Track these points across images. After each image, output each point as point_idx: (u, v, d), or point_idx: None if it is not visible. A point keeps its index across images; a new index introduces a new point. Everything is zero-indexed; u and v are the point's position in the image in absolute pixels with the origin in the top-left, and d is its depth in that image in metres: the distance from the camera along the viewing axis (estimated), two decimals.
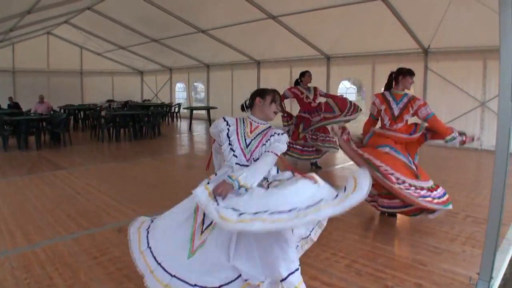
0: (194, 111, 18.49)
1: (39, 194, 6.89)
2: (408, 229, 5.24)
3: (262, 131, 3.36)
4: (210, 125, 14.51)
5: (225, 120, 3.44)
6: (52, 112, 14.27)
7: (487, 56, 11.05)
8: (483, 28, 9.59)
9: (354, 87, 21.05)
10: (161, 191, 7.22)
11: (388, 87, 5.64)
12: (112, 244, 4.65)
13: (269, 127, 3.40)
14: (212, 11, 13.10)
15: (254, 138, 3.33)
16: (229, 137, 3.32)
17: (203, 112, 19.92)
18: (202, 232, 3.01)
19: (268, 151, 3.18)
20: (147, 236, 3.28)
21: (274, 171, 3.32)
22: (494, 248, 3.29)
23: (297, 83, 9.07)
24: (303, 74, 8.92)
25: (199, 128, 18.13)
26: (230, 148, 3.30)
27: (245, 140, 3.33)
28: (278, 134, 3.30)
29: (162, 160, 10.52)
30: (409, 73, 5.45)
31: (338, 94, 14.31)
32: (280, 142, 3.26)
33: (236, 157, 3.27)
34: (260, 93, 3.45)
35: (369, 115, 5.75)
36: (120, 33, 16.80)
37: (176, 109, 21.48)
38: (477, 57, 11.33)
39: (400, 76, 5.46)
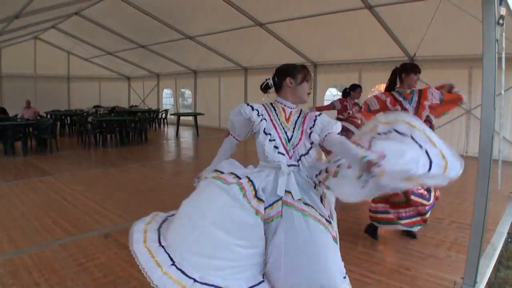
0: (181, 117, 18.45)
1: (25, 200, 6.86)
2: (393, 234, 5.29)
3: (298, 117, 2.91)
4: (197, 132, 14.41)
5: (249, 105, 2.87)
6: (38, 117, 14.19)
7: (473, 64, 11.20)
8: (468, 37, 9.69)
9: (341, 94, 21.15)
10: (148, 197, 7.22)
11: (391, 86, 5.24)
12: (98, 250, 4.65)
13: (301, 111, 2.96)
14: (200, 17, 13.14)
15: (294, 129, 2.84)
16: (266, 133, 2.80)
17: (190, 118, 19.90)
18: None
19: (329, 133, 2.75)
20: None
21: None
22: (478, 253, 3.36)
23: (345, 93, 8.48)
24: (354, 88, 8.34)
25: (186, 134, 18.13)
26: (274, 146, 2.77)
27: (286, 132, 2.84)
28: (319, 115, 2.86)
29: (149, 166, 10.51)
30: (413, 70, 5.01)
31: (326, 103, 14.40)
32: (328, 119, 2.83)
33: (284, 155, 2.77)
34: (290, 71, 2.94)
35: (365, 108, 5.23)
36: (108, 38, 16.77)
37: (163, 115, 21.45)
38: (463, 66, 11.48)
39: (403, 74, 5.03)
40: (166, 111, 21.80)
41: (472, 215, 3.41)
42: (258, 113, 2.83)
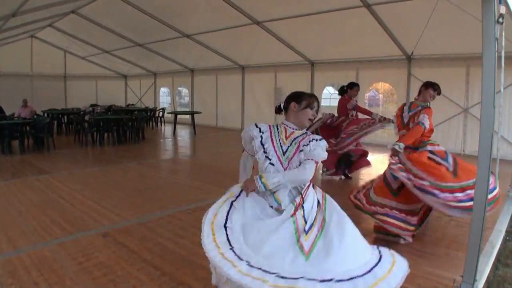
0: (178, 116, 18.41)
1: (23, 199, 6.85)
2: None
3: (298, 136, 3.11)
4: (194, 130, 14.46)
5: (257, 126, 3.18)
6: (35, 116, 14.16)
7: (470, 63, 11.22)
8: (466, 36, 9.72)
9: (337, 92, 21.16)
10: (146, 196, 7.20)
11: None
12: (97, 249, 4.64)
13: (305, 133, 3.14)
14: (197, 16, 13.11)
15: (291, 144, 3.08)
16: (263, 145, 3.10)
17: (187, 116, 19.81)
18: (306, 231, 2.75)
19: (308, 158, 2.97)
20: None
21: (310, 190, 3.03)
22: (478, 251, 3.35)
23: (342, 90, 8.51)
24: (352, 86, 8.36)
25: (183, 133, 18.10)
26: (266, 156, 3.06)
27: (281, 147, 3.09)
28: (317, 140, 3.04)
29: (146, 164, 10.49)
30: (432, 86, 5.47)
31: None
32: (320, 148, 3.02)
33: (273, 165, 3.03)
34: (296, 97, 3.18)
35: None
36: (104, 37, 16.73)
37: (160, 114, 21.42)
38: (460, 64, 11.50)
39: (423, 87, 5.52)
40: (163, 109, 21.79)
41: (472, 213, 3.41)
42: (260, 130, 3.15)
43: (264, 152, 3.07)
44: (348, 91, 8.32)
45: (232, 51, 16.68)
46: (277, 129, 3.17)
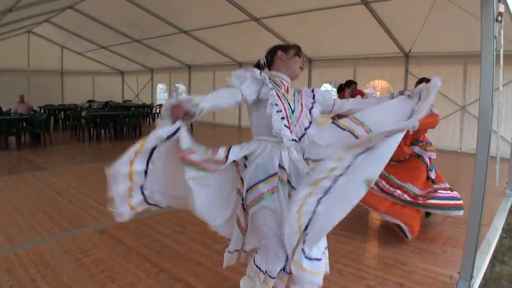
0: None
1: (20, 195, 6.84)
2: (389, 229, 5.30)
3: (295, 92, 2.87)
4: (191, 127, 14.28)
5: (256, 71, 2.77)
6: (32, 112, 14.14)
7: (468, 61, 11.24)
8: (464, 34, 9.74)
9: (335, 90, 21.18)
10: None
11: None
12: (94, 246, 4.64)
13: (298, 89, 2.94)
14: (194, 12, 13.10)
15: (294, 101, 2.80)
16: (273, 101, 2.68)
17: None
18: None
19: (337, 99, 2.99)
20: None
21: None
22: (475, 248, 3.37)
23: (340, 89, 8.41)
24: (349, 84, 8.21)
25: None
26: (281, 117, 2.66)
27: (289, 104, 2.76)
28: (314, 89, 2.95)
29: None
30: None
31: None
32: (327, 91, 2.97)
33: (288, 128, 2.67)
34: (281, 46, 2.91)
35: None
36: (102, 32, 16.71)
37: (157, 110, 21.37)
38: (458, 62, 11.51)
39: (418, 83, 5.16)
40: (160, 105, 21.70)
41: (468, 210, 3.42)
42: (265, 79, 2.76)
43: (279, 110, 2.67)
44: (345, 89, 8.23)
45: (229, 48, 16.65)
46: (274, 82, 2.82)
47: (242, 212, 2.75)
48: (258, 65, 2.95)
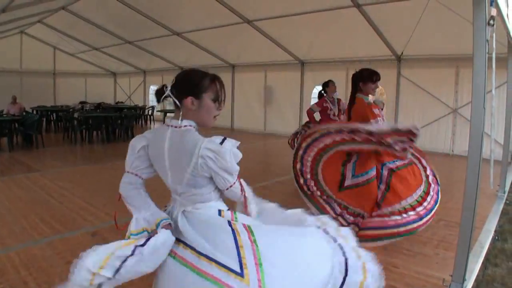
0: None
1: (12, 197, 6.80)
2: None
3: None
4: None
5: None
6: (24, 113, 14.08)
7: (460, 63, 11.29)
8: (456, 37, 9.78)
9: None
10: None
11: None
12: (86, 248, 4.55)
13: None
14: (187, 14, 13.08)
15: None
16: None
17: None
18: None
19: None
20: None
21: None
22: (467, 250, 3.38)
23: (321, 95, 8.13)
24: (326, 84, 7.92)
25: None
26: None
27: None
28: None
29: None
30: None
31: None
32: None
33: None
34: (192, 86, 2.37)
35: None
36: (94, 33, 16.65)
37: (150, 112, 21.34)
38: (450, 65, 11.58)
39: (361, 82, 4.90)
40: (153, 107, 21.70)
41: (460, 213, 3.43)
42: None
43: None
44: (326, 90, 7.97)
45: (222, 50, 16.65)
46: None
47: None
48: (159, 92, 2.48)
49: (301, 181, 4.70)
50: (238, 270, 2.06)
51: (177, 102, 2.36)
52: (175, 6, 12.61)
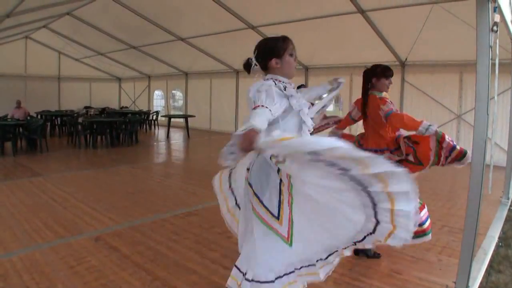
0: (172, 119, 18.37)
1: (15, 201, 6.81)
2: None
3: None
4: (188, 134, 14.32)
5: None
6: (28, 117, 14.12)
7: (464, 69, 11.26)
8: (460, 43, 9.76)
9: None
10: (138, 199, 7.16)
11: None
12: (89, 253, 4.62)
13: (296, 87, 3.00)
14: (192, 19, 13.11)
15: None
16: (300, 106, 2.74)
17: (181, 120, 19.82)
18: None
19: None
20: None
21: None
22: (471, 257, 3.36)
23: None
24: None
25: (176, 136, 18.07)
26: (304, 122, 2.78)
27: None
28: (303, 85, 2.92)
29: (139, 168, 10.47)
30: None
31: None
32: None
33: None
34: (272, 51, 2.91)
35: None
36: (99, 39, 16.70)
37: (154, 117, 21.36)
38: (454, 71, 11.55)
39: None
40: (157, 112, 21.74)
41: (464, 219, 3.41)
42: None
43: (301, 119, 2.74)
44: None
45: (226, 55, 16.64)
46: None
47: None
48: (247, 65, 3.02)
49: None
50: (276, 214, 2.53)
51: (264, 66, 2.91)
52: (179, 12, 12.64)
